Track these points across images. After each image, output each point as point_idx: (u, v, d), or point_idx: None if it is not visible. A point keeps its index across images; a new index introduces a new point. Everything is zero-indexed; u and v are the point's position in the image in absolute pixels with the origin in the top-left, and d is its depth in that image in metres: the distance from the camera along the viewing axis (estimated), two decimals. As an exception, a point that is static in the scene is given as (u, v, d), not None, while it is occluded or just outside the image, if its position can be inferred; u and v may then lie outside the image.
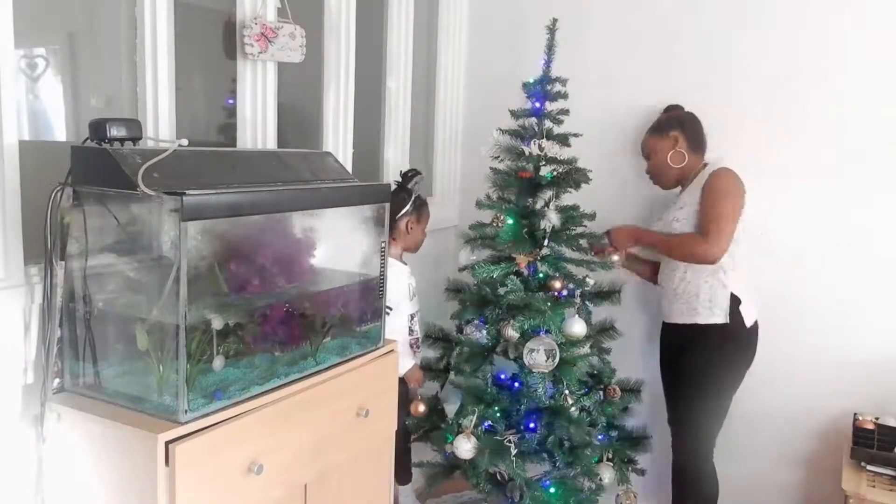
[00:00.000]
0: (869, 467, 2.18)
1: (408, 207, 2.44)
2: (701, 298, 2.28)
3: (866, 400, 2.42)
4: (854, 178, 2.42)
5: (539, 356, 2.14)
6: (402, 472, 2.48)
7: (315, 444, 1.69)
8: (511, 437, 2.18)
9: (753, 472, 2.52)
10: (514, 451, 2.16)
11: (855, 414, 2.35)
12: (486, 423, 2.23)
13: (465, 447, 2.19)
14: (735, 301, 2.27)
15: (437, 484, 2.46)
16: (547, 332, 2.18)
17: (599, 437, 2.33)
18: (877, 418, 2.32)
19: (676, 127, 2.40)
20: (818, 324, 2.48)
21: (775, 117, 2.51)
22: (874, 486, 2.11)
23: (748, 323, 2.29)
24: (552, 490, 2.26)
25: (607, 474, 2.30)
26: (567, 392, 2.21)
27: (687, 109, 2.49)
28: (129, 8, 1.77)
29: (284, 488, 1.62)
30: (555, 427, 2.21)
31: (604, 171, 2.65)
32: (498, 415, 2.25)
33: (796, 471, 2.57)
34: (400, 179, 2.42)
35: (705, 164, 2.40)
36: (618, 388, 2.36)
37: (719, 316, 2.27)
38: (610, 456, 2.33)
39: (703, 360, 2.29)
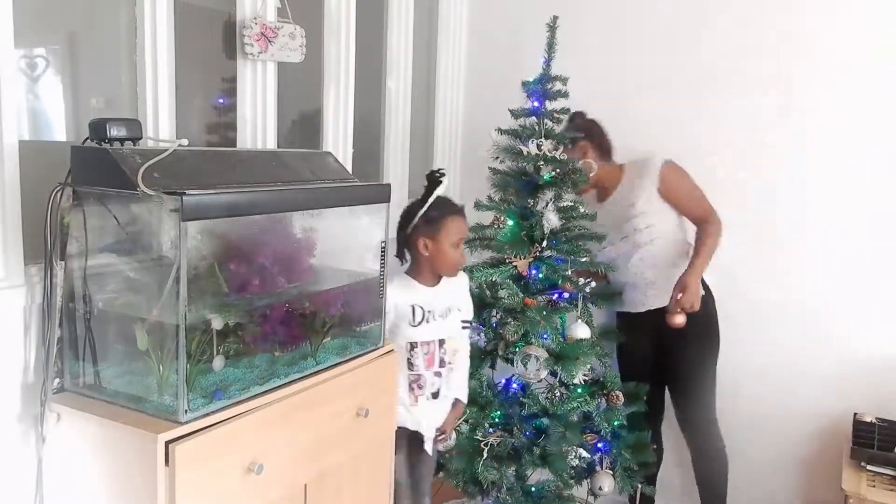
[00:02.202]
0: (869, 467, 2.18)
1: (415, 221, 1.95)
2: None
3: (866, 400, 2.42)
4: (854, 179, 2.42)
5: (531, 365, 2.14)
6: None
7: (315, 444, 1.69)
8: (490, 441, 2.17)
9: (753, 472, 2.52)
10: (485, 455, 2.15)
11: (855, 413, 2.36)
12: (489, 429, 2.23)
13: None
14: None
15: None
16: (545, 336, 2.18)
17: (600, 444, 2.31)
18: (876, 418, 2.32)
19: (583, 137, 2.46)
20: (818, 324, 2.48)
21: (774, 114, 2.51)
22: (874, 486, 2.11)
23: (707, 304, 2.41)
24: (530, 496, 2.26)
25: (606, 483, 2.28)
26: (563, 391, 2.20)
27: (589, 116, 2.51)
28: (129, 8, 1.77)
29: (284, 488, 1.62)
30: (549, 431, 2.20)
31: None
32: (495, 419, 2.24)
33: (796, 471, 2.57)
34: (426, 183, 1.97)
35: (622, 166, 2.50)
36: (620, 395, 2.34)
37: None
38: (611, 465, 2.32)
39: (702, 333, 2.39)
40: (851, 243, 2.44)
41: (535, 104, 2.27)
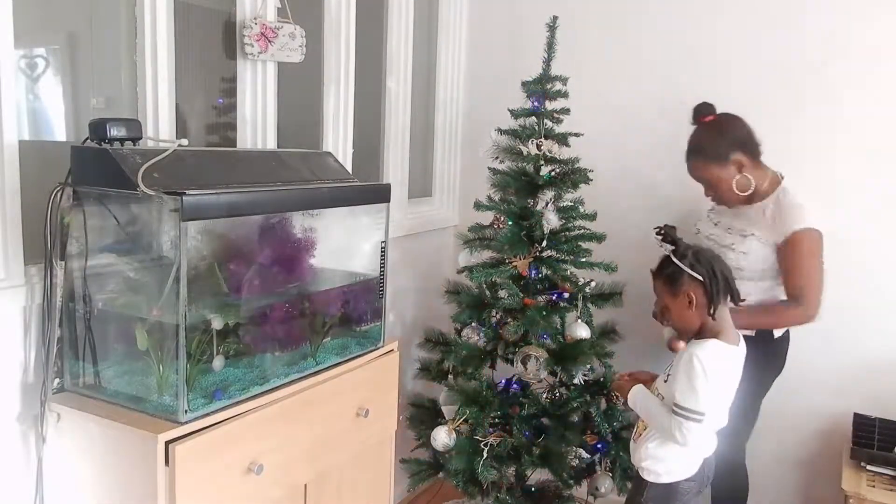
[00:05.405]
0: (869, 467, 2.18)
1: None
2: None
3: (866, 400, 2.42)
4: (851, 182, 2.42)
5: (531, 365, 2.14)
6: None
7: (315, 444, 1.70)
8: (490, 441, 2.17)
9: (753, 473, 2.51)
10: (485, 455, 2.15)
11: (855, 413, 2.36)
12: (489, 429, 2.23)
13: (442, 439, 2.19)
14: None
15: (419, 483, 2.45)
16: (544, 336, 2.18)
17: (599, 445, 2.31)
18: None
19: (737, 149, 2.10)
20: (818, 324, 2.47)
21: (769, 117, 2.51)
22: (874, 486, 2.11)
23: (775, 334, 2.24)
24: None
25: (605, 484, 2.28)
26: (563, 391, 2.20)
27: (722, 111, 2.17)
28: (129, 8, 1.77)
29: (284, 488, 1.62)
30: (549, 431, 2.20)
31: (606, 171, 2.65)
32: (495, 419, 2.24)
33: (796, 471, 2.57)
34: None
35: (779, 185, 2.16)
36: (620, 395, 2.34)
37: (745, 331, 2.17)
38: (609, 466, 2.32)
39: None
40: (850, 245, 2.44)
41: (535, 104, 2.27)
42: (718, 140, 2.12)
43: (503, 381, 2.32)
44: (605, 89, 2.75)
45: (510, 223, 2.27)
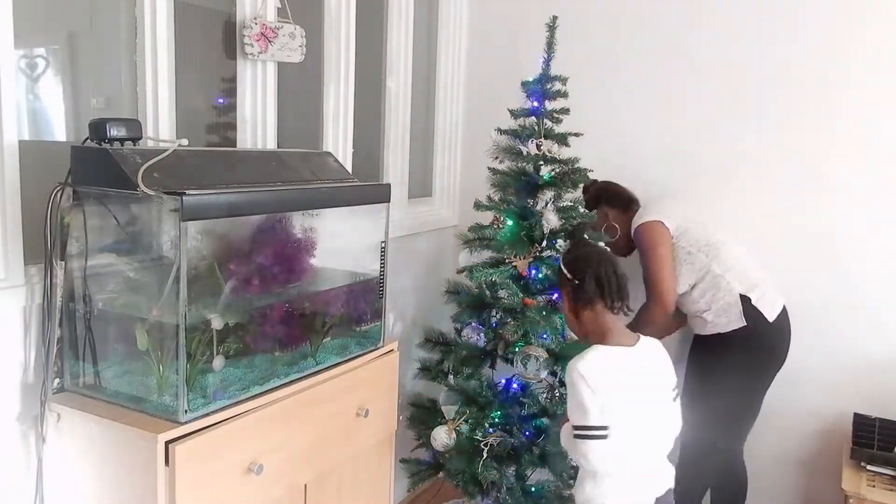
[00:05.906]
0: (869, 467, 2.18)
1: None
2: (714, 310, 2.30)
3: (866, 400, 2.42)
4: (851, 181, 2.42)
5: (531, 365, 2.14)
6: None
7: (315, 444, 1.70)
8: (490, 441, 2.17)
9: (754, 472, 2.52)
10: (485, 455, 2.15)
11: (855, 413, 2.36)
12: (489, 429, 2.22)
13: (442, 439, 2.18)
14: (746, 301, 2.26)
15: (419, 483, 2.44)
16: (544, 336, 2.18)
17: None
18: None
19: (601, 202, 2.51)
20: (818, 324, 2.48)
21: (769, 116, 2.51)
22: (874, 486, 2.11)
23: (770, 317, 2.28)
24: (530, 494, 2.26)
25: None
26: (563, 391, 2.20)
27: (600, 181, 2.55)
28: (129, 8, 1.77)
29: (284, 488, 1.62)
30: (549, 431, 2.20)
31: (606, 171, 2.65)
32: (495, 419, 2.24)
33: (796, 471, 2.57)
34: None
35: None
36: None
37: (736, 322, 2.27)
38: None
39: (726, 361, 2.31)
40: (850, 244, 2.44)
41: (535, 104, 2.26)
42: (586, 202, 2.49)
43: (503, 381, 2.32)
44: (605, 89, 2.75)
45: (510, 223, 2.26)
